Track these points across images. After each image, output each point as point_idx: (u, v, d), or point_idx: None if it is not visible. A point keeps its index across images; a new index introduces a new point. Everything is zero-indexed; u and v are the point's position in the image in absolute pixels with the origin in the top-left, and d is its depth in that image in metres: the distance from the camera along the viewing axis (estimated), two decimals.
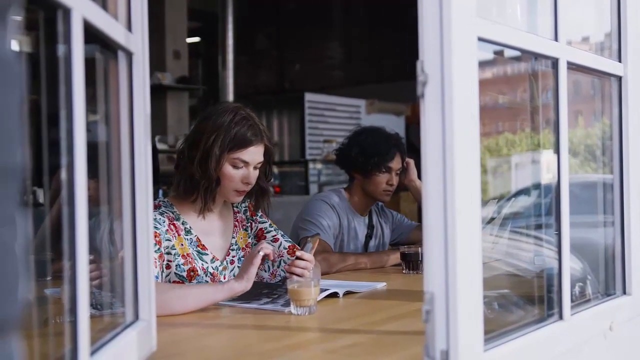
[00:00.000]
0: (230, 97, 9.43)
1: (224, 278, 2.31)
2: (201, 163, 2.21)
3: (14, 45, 0.62)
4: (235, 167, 2.24)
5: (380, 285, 2.42)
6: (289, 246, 2.42)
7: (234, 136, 2.21)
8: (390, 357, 1.53)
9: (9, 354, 0.59)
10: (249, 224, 2.46)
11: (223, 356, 1.61)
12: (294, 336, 1.76)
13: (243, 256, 2.39)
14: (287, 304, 1.97)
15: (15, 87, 0.60)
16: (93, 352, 1.12)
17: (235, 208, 2.45)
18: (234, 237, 2.40)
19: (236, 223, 2.43)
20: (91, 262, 1.09)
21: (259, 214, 2.48)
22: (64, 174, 1.02)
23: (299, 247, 2.42)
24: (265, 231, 2.46)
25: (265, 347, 1.63)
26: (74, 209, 1.03)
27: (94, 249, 1.11)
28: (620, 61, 1.86)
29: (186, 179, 2.26)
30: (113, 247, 1.49)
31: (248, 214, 2.47)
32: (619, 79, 1.86)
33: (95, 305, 1.35)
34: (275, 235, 2.45)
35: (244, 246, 2.42)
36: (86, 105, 1.06)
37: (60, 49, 1.04)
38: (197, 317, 1.93)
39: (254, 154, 2.26)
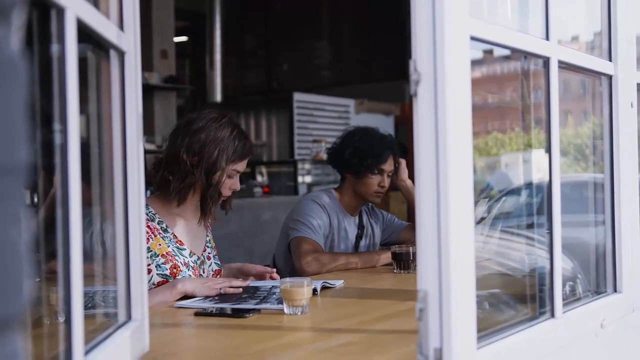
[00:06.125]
0: (218, 97, 9.43)
1: (203, 272, 2.44)
2: (206, 174, 2.32)
3: (18, 44, 0.62)
4: (229, 177, 2.38)
5: (339, 284, 2.43)
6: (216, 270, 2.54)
7: (235, 150, 2.35)
8: (384, 356, 1.53)
9: (14, 351, 0.59)
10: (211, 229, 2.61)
11: (216, 356, 1.61)
12: (287, 336, 1.76)
13: (215, 254, 2.54)
14: (281, 301, 1.96)
15: (20, 87, 0.61)
16: (87, 352, 1.12)
17: None
18: (208, 236, 2.54)
19: (209, 224, 2.55)
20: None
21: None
22: (57, 175, 1.02)
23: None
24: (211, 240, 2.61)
25: (258, 347, 1.63)
26: (67, 210, 1.02)
27: (84, 249, 1.11)
28: (610, 60, 1.87)
29: (187, 187, 2.33)
30: (103, 247, 1.48)
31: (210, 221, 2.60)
32: (610, 77, 1.87)
33: (87, 305, 1.34)
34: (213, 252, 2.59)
35: (214, 245, 2.57)
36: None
37: (54, 48, 1.03)
38: (189, 318, 1.93)
39: (245, 163, 2.43)
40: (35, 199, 1.35)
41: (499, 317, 1.65)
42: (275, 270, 2.54)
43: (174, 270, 2.30)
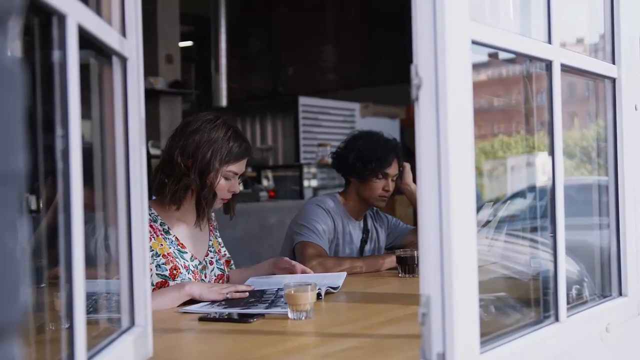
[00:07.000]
0: (224, 101, 9.42)
1: (205, 277, 2.44)
2: (200, 175, 2.32)
3: (15, 52, 0.62)
4: (226, 178, 2.38)
5: (342, 277, 2.47)
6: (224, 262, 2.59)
7: (230, 150, 2.35)
8: None
9: (11, 357, 0.60)
10: (217, 232, 2.61)
11: None
12: (291, 341, 1.76)
13: (219, 259, 2.53)
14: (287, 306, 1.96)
15: (17, 94, 0.61)
16: (89, 358, 1.12)
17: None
18: (210, 240, 2.53)
19: (211, 228, 2.56)
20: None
21: (216, 227, 2.62)
22: (59, 181, 1.02)
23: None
24: (220, 245, 2.61)
25: (262, 352, 1.62)
26: (69, 215, 1.02)
27: (89, 255, 1.11)
28: (614, 63, 1.86)
29: (182, 189, 2.33)
30: (108, 253, 1.49)
31: (215, 223, 2.61)
32: (613, 80, 1.86)
33: (89, 310, 1.34)
34: (225, 252, 2.62)
35: (218, 249, 2.56)
36: (81, 111, 1.06)
37: (55, 55, 1.04)
38: (193, 323, 1.93)
39: (243, 165, 2.42)
40: (41, 205, 1.36)
41: (503, 321, 1.64)
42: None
43: (174, 272, 2.30)
